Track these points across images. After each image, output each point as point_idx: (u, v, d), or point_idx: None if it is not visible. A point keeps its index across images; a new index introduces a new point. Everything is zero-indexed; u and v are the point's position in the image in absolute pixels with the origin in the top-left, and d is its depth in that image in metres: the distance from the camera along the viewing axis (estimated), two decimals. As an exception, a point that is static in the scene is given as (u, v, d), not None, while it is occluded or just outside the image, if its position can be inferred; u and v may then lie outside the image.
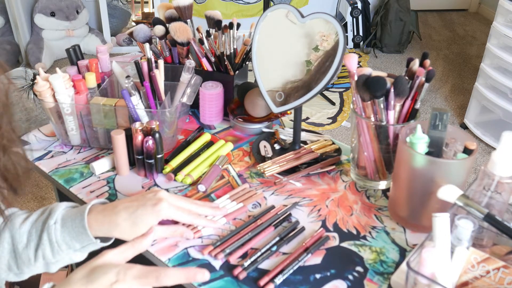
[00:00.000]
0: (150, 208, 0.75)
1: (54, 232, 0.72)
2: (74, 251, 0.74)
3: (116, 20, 3.72)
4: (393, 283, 0.77)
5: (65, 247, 0.73)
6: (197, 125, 1.20)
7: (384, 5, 3.64)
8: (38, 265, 0.74)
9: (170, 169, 1.01)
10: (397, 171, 0.86)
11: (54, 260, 0.74)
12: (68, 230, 0.73)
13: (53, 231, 0.72)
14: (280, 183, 0.99)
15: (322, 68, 0.96)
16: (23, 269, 0.75)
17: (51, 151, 1.09)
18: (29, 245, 0.73)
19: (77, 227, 0.73)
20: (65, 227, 0.73)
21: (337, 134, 2.69)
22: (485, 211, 0.70)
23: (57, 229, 0.73)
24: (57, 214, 0.74)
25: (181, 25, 1.14)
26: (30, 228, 0.74)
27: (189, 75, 1.08)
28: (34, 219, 0.75)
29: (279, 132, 1.13)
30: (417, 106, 0.90)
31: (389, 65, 3.54)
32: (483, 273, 0.66)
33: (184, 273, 0.64)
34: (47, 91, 1.00)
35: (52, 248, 0.73)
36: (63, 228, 0.73)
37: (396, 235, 0.87)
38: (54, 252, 0.73)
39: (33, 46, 3.29)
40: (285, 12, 1.00)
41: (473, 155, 0.79)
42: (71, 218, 0.73)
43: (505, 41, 2.40)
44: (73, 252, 0.74)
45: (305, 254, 0.81)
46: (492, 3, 4.02)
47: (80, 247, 0.74)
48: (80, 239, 0.73)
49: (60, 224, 0.73)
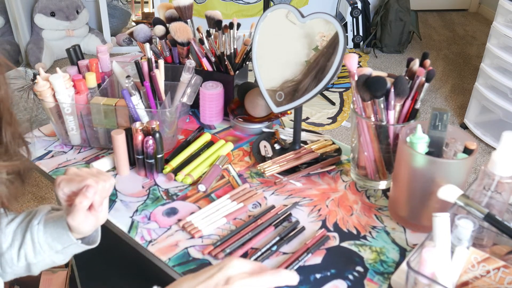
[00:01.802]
0: None
1: (37, 232, 0.73)
2: (56, 252, 0.74)
3: (116, 20, 3.72)
4: (393, 283, 0.77)
5: (46, 248, 0.73)
6: (197, 125, 1.20)
7: (384, 5, 3.64)
8: (20, 265, 0.74)
9: (170, 169, 1.01)
10: (397, 171, 0.86)
11: (35, 260, 0.74)
12: (50, 231, 0.73)
13: (36, 231, 0.73)
14: (280, 183, 0.99)
15: (322, 68, 0.96)
16: (5, 269, 0.75)
17: (51, 151, 1.09)
18: (13, 245, 0.74)
19: (58, 228, 0.73)
20: (47, 228, 0.73)
21: (337, 134, 2.69)
22: (485, 211, 0.70)
23: (40, 230, 0.73)
24: (42, 215, 0.75)
25: (181, 25, 1.14)
26: (16, 228, 0.75)
27: (189, 75, 1.09)
28: (20, 220, 0.76)
29: (279, 132, 1.13)
30: (417, 106, 0.90)
31: (389, 65, 3.54)
32: (483, 273, 0.66)
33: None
34: (48, 91, 1.00)
35: (34, 248, 0.73)
36: (45, 229, 0.73)
37: (396, 235, 0.87)
38: (36, 252, 0.73)
39: (33, 46, 3.29)
40: (285, 12, 1.00)
41: (473, 155, 0.79)
42: (53, 220, 0.74)
43: (505, 41, 2.40)
44: (55, 254, 0.74)
45: (305, 254, 0.81)
46: (492, 3, 4.02)
47: (62, 248, 0.74)
48: (62, 240, 0.73)
49: (43, 225, 0.74)
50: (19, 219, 0.76)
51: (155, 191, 0.97)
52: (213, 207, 0.92)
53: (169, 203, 0.94)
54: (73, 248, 0.74)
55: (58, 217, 0.74)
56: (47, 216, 0.75)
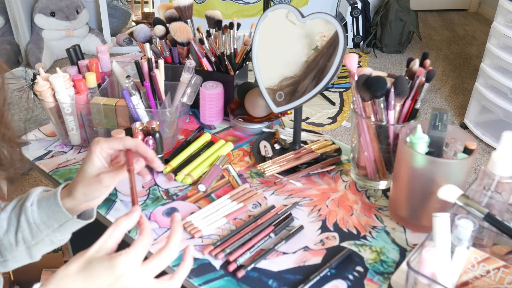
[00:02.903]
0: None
1: (31, 213, 0.73)
2: (53, 231, 0.74)
3: (116, 20, 3.72)
4: (393, 283, 0.77)
5: (43, 227, 0.74)
6: (197, 125, 1.20)
7: (384, 5, 3.64)
8: (20, 250, 0.75)
9: (171, 169, 1.01)
10: (397, 171, 0.86)
11: (34, 242, 0.74)
12: (45, 210, 0.74)
13: (30, 213, 0.73)
14: (280, 183, 0.99)
15: (322, 68, 0.96)
16: (6, 255, 0.75)
17: (51, 151, 1.09)
18: (9, 230, 0.74)
19: (52, 205, 0.73)
20: (41, 208, 0.74)
21: (337, 134, 2.69)
22: (485, 211, 0.70)
23: (34, 210, 0.73)
24: (33, 196, 0.75)
25: (181, 25, 1.14)
26: (10, 213, 0.75)
27: (189, 75, 1.09)
28: (13, 205, 0.76)
29: (279, 132, 1.13)
30: (417, 106, 0.90)
31: (389, 65, 3.54)
32: (483, 273, 0.66)
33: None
34: (48, 91, 1.00)
35: (31, 230, 0.73)
36: (39, 209, 0.74)
37: (396, 235, 0.87)
38: (33, 233, 0.74)
39: (33, 46, 3.29)
40: (285, 12, 1.00)
41: (473, 155, 0.79)
42: (46, 199, 0.74)
43: (505, 41, 2.40)
44: (52, 233, 0.74)
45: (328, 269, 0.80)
46: (492, 3, 4.02)
47: (58, 226, 0.74)
48: (57, 218, 0.73)
49: (37, 206, 0.74)
50: (12, 205, 0.76)
51: (155, 191, 0.97)
52: (213, 207, 0.92)
53: (169, 203, 0.94)
54: (69, 224, 0.74)
55: (50, 195, 0.74)
56: (40, 196, 0.75)
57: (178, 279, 0.61)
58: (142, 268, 0.57)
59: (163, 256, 0.59)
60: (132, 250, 0.56)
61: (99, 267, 0.56)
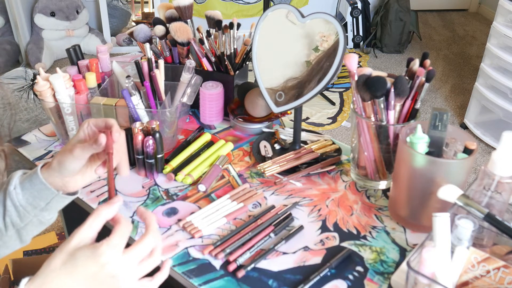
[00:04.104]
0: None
1: (16, 196, 0.73)
2: (40, 210, 0.75)
3: (116, 20, 3.72)
4: (393, 283, 0.77)
5: (30, 208, 0.74)
6: (197, 125, 1.20)
7: (384, 5, 3.64)
8: (9, 234, 0.75)
9: (170, 169, 1.01)
10: (397, 171, 0.86)
11: (22, 224, 0.74)
12: (29, 191, 0.74)
13: (15, 196, 0.73)
14: (280, 183, 0.99)
15: (322, 68, 0.96)
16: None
17: (51, 151, 1.09)
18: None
19: (36, 185, 0.73)
20: (25, 189, 0.74)
21: (337, 134, 2.69)
22: (485, 211, 0.70)
23: (18, 193, 0.74)
24: (15, 180, 0.75)
25: (181, 25, 1.14)
26: None
27: (189, 75, 1.09)
28: None
29: (279, 132, 1.13)
30: (417, 106, 0.90)
31: (389, 65, 3.54)
32: (483, 273, 0.66)
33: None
34: (48, 91, 1.00)
35: (18, 213, 0.74)
36: (23, 191, 0.74)
37: (396, 235, 0.87)
38: (21, 216, 0.74)
39: (33, 46, 3.29)
40: (285, 12, 1.00)
41: (473, 155, 0.79)
42: (28, 179, 0.74)
43: (505, 41, 2.40)
44: (40, 212, 0.75)
45: (328, 269, 0.81)
46: (492, 3, 4.02)
47: (45, 204, 0.74)
48: (43, 196, 0.74)
49: (20, 188, 0.74)
50: None
51: (155, 191, 0.97)
52: (213, 207, 0.92)
53: (169, 203, 0.94)
54: (56, 201, 0.75)
55: (32, 175, 0.74)
56: (21, 179, 0.75)
57: (156, 283, 0.63)
58: (125, 255, 0.58)
59: (145, 242, 0.60)
60: (112, 238, 0.58)
61: (83, 258, 0.57)
